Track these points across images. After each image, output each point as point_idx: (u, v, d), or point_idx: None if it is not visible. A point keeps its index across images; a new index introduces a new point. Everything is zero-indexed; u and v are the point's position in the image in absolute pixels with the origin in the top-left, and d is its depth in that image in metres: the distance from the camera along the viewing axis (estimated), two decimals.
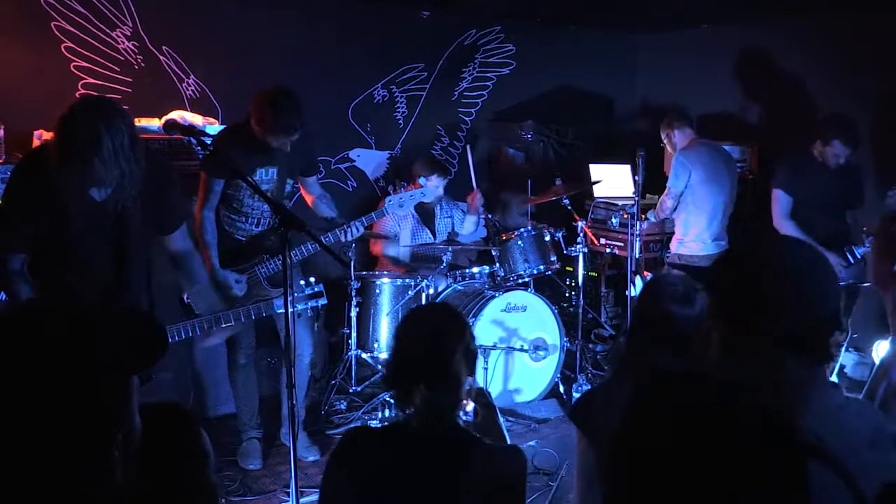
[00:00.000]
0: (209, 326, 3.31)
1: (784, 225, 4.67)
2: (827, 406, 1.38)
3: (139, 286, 3.02)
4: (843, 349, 4.60)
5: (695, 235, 4.84)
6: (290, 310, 2.68)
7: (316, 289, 3.50)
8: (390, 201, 4.11)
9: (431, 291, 4.80)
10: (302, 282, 3.50)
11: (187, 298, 3.81)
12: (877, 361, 3.92)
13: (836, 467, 1.26)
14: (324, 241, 3.66)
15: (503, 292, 4.74)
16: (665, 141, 5.07)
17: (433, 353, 1.97)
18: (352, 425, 4.43)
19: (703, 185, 4.79)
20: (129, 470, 1.12)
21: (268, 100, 3.58)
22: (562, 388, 4.95)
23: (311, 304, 3.50)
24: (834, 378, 4.22)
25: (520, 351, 4.70)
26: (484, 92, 6.23)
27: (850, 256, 4.58)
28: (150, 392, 1.24)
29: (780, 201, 4.70)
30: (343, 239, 3.94)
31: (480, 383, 4.51)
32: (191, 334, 3.27)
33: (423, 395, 1.93)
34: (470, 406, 2.19)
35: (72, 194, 2.74)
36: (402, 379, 1.99)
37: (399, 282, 4.81)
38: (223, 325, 3.39)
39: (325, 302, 3.54)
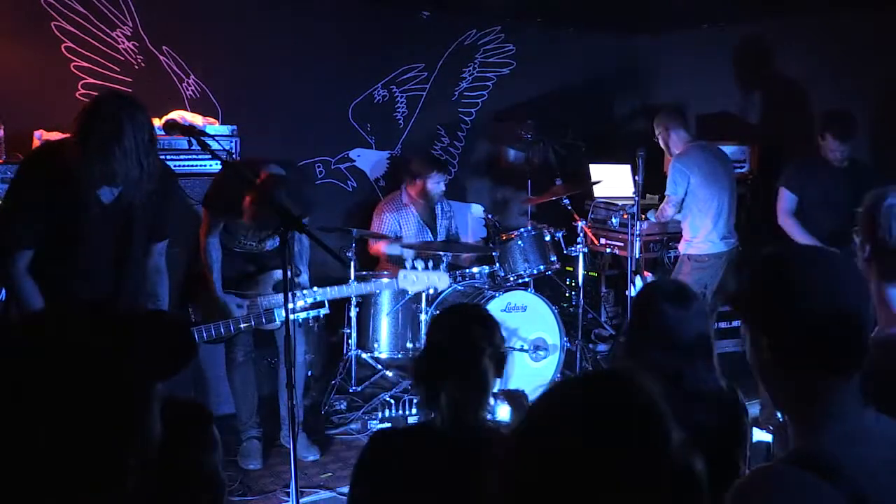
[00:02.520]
0: (211, 334, 3.32)
1: (786, 222, 4.72)
2: (854, 428, 1.32)
3: (137, 289, 3.02)
4: None
5: (703, 237, 4.84)
6: (291, 314, 2.68)
7: (318, 298, 3.52)
8: (405, 277, 4.10)
9: (431, 292, 4.80)
10: (305, 291, 3.52)
11: (191, 312, 3.84)
12: None
13: (854, 493, 1.23)
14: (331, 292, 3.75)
15: (503, 292, 4.74)
16: (659, 139, 5.06)
17: (463, 350, 1.99)
18: (351, 426, 4.44)
19: (704, 188, 4.79)
20: (144, 478, 1.11)
21: (257, 193, 3.39)
22: None
23: (312, 313, 3.52)
24: None
25: (520, 351, 4.70)
26: (484, 92, 6.23)
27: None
28: None
29: (782, 198, 4.76)
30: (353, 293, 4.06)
31: None
32: (196, 340, 3.27)
33: (450, 393, 1.95)
34: (505, 410, 2.22)
35: (84, 191, 2.75)
36: (429, 377, 2.01)
37: None
38: (223, 335, 3.40)
39: (328, 311, 3.57)
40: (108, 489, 1.07)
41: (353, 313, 4.75)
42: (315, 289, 3.81)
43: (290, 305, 3.45)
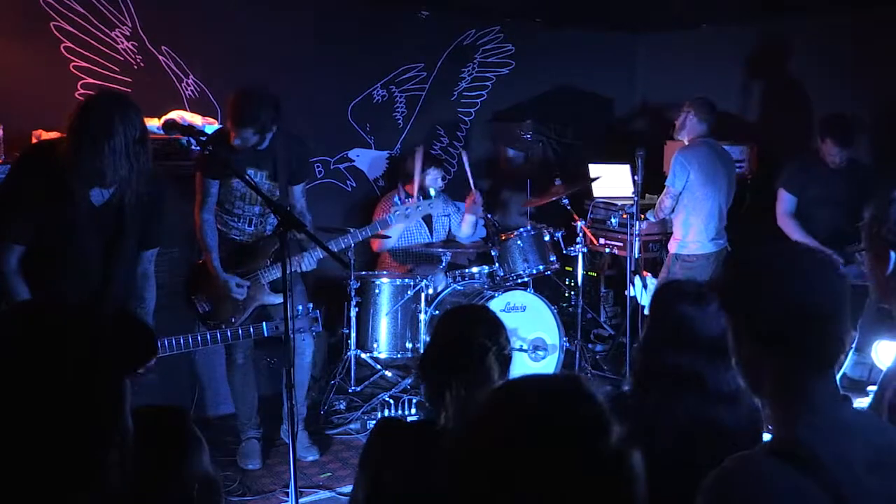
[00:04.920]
0: (202, 342, 3.32)
1: (786, 223, 4.75)
2: (831, 420, 1.35)
3: (125, 292, 3.02)
4: (851, 351, 4.60)
5: (693, 237, 4.85)
6: (289, 316, 2.68)
7: (311, 315, 3.54)
8: (396, 212, 4.12)
9: (431, 291, 4.80)
10: (300, 307, 3.53)
11: (197, 304, 3.85)
12: (876, 362, 3.92)
13: (828, 485, 1.25)
14: (330, 247, 3.73)
15: (502, 292, 4.74)
16: (679, 118, 4.97)
17: (466, 350, 2.00)
18: (351, 426, 4.44)
19: (701, 187, 4.79)
20: (122, 474, 1.11)
21: (232, 94, 3.64)
22: None
23: (310, 329, 3.56)
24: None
25: (519, 351, 4.70)
26: (483, 92, 6.23)
27: (841, 256, 4.57)
28: (135, 394, 1.24)
29: (781, 200, 4.79)
30: (344, 245, 3.99)
31: None
32: (183, 349, 3.26)
33: (455, 392, 1.95)
34: None
35: (74, 190, 2.75)
36: (433, 375, 2.02)
37: (398, 282, 4.81)
38: (211, 344, 3.40)
39: (320, 329, 3.60)
40: (91, 486, 1.07)
41: (352, 313, 4.75)
42: (318, 249, 3.79)
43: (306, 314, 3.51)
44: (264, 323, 3.48)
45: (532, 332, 4.80)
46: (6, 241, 2.80)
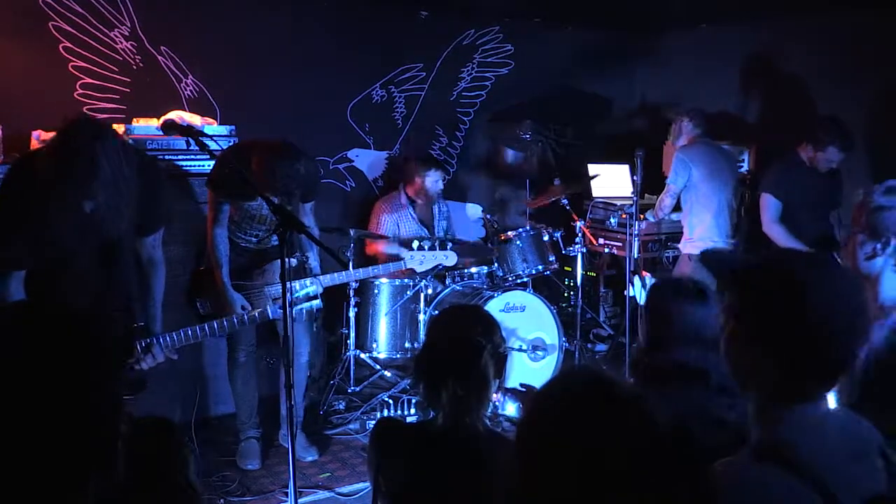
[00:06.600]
0: (210, 332, 3.31)
1: (774, 229, 4.61)
2: (808, 417, 1.36)
3: (129, 289, 3.01)
4: None
5: (701, 234, 4.82)
6: (289, 315, 2.68)
7: (311, 292, 3.53)
8: (412, 257, 4.17)
9: (430, 291, 4.80)
10: (297, 284, 3.53)
11: (199, 305, 3.86)
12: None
13: (815, 481, 1.25)
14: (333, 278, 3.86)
15: (502, 292, 4.74)
16: (672, 127, 5.03)
17: (462, 349, 2.00)
18: (350, 426, 4.44)
19: (705, 183, 4.78)
20: (115, 476, 1.11)
21: (268, 161, 3.52)
22: None
23: (306, 306, 3.53)
24: None
25: (518, 351, 4.70)
26: (482, 92, 6.23)
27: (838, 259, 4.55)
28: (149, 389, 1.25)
29: (768, 206, 4.64)
30: (354, 278, 4.11)
31: None
32: (185, 342, 3.25)
33: (451, 392, 1.95)
34: (512, 407, 2.24)
35: (65, 210, 2.73)
36: (430, 375, 2.02)
37: (397, 282, 4.81)
38: (218, 334, 3.40)
39: (320, 305, 3.59)
40: (89, 487, 1.08)
41: (351, 313, 4.75)
42: (321, 276, 3.84)
43: (304, 291, 3.52)
44: (268, 307, 3.48)
45: (531, 333, 4.80)
46: (5, 268, 2.79)
